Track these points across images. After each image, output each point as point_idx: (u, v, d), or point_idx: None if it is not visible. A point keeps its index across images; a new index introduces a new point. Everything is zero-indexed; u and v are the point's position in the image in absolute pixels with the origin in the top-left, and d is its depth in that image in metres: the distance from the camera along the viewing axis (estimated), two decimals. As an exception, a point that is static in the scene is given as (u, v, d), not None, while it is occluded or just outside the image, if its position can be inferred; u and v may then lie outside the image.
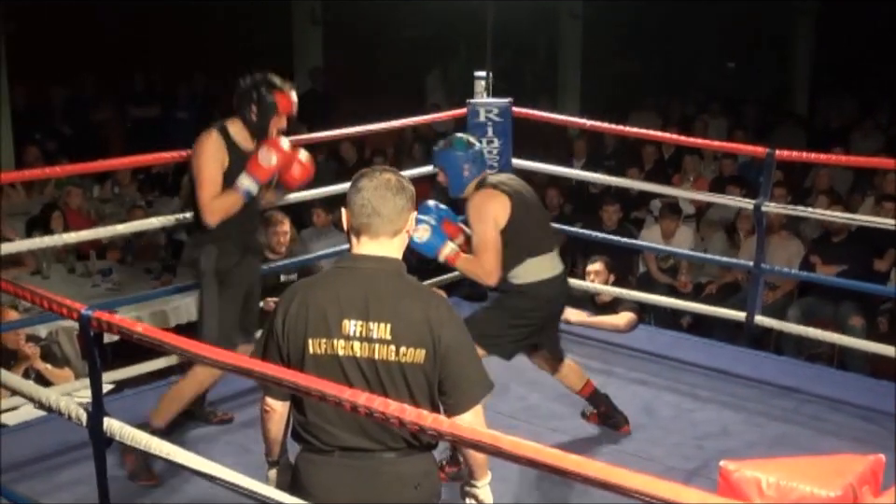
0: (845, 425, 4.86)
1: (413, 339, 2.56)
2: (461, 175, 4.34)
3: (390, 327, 2.55)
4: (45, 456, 4.37)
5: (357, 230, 2.65)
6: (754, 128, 12.02)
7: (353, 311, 2.57)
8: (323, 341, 2.57)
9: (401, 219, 2.64)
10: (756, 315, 5.51)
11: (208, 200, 4.15)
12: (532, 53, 15.93)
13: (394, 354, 2.55)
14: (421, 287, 2.71)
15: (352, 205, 2.64)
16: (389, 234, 2.63)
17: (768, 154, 5.37)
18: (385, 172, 2.68)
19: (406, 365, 2.56)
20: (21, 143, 10.19)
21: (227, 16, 12.89)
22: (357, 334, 2.56)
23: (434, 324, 2.58)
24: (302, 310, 2.61)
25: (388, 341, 2.55)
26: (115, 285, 7.08)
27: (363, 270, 2.62)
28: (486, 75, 6.20)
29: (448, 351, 2.58)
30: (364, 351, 2.56)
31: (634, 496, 1.86)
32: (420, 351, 2.56)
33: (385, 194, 2.62)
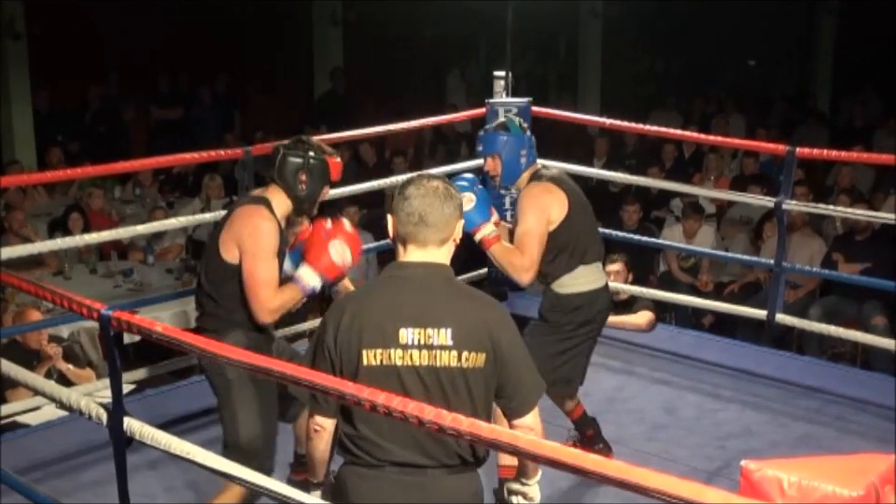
0: (869, 425, 4.83)
1: (473, 343, 2.51)
2: (518, 162, 4.03)
3: (451, 332, 2.49)
4: (67, 456, 4.39)
5: (403, 238, 2.58)
6: (776, 126, 11.97)
7: (409, 319, 2.50)
8: (379, 352, 2.50)
9: (449, 228, 2.58)
10: (777, 313, 5.47)
11: (269, 299, 3.46)
12: (553, 52, 15.91)
13: (456, 359, 2.50)
14: (473, 290, 2.66)
15: (399, 213, 2.57)
16: (437, 243, 2.58)
17: (789, 152, 5.34)
18: (432, 179, 2.61)
19: (468, 371, 2.51)
20: (43, 144, 10.27)
21: (248, 17, 12.92)
22: (416, 342, 2.49)
23: (493, 326, 2.53)
24: (355, 322, 2.53)
25: (450, 346, 2.49)
26: (136, 285, 7.11)
27: (414, 277, 2.56)
28: (506, 74, 6.19)
29: (507, 354, 2.54)
30: (424, 359, 2.49)
31: (654, 495, 1.85)
32: (481, 355, 2.51)
33: (432, 202, 2.55)
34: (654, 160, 9.99)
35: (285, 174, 3.57)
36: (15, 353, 5.06)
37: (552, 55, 15.90)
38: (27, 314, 5.60)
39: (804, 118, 12.48)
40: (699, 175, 9.65)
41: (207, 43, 12.42)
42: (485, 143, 4.11)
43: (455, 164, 7.20)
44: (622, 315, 6.07)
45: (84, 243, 5.99)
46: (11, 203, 8.20)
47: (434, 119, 7.14)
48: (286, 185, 3.58)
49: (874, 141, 10.85)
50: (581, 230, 4.02)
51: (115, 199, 9.35)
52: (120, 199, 9.43)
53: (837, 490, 2.21)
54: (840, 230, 7.82)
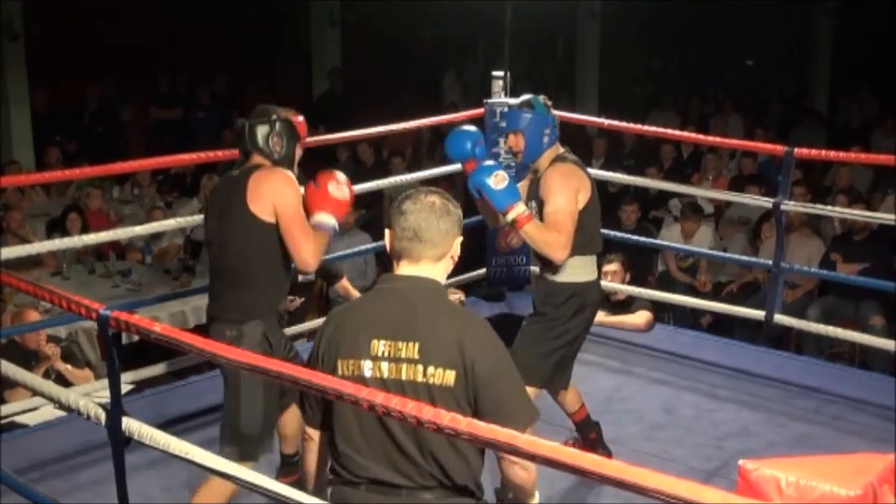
0: (867, 424, 4.83)
1: (441, 359, 2.41)
2: (540, 140, 4.03)
3: (419, 345, 2.42)
4: (65, 456, 4.39)
5: (398, 253, 2.54)
6: (774, 126, 11.98)
7: (383, 331, 2.46)
8: (351, 362, 2.47)
9: (445, 244, 2.53)
10: (775, 314, 5.48)
11: (311, 242, 3.60)
12: (550, 52, 15.92)
13: (421, 374, 2.41)
14: (458, 309, 2.58)
15: (395, 228, 2.53)
16: (432, 259, 2.52)
17: (787, 153, 5.34)
18: (430, 194, 2.56)
19: (434, 387, 2.40)
20: (41, 144, 10.27)
21: (246, 17, 12.92)
22: (385, 354, 2.44)
23: (467, 347, 2.42)
24: (337, 332, 2.52)
25: (416, 360, 2.41)
26: (134, 285, 7.11)
27: (398, 290, 2.52)
28: (504, 74, 6.19)
29: (483, 378, 2.41)
30: (392, 372, 2.43)
31: (653, 495, 1.85)
32: (449, 373, 2.41)
33: (428, 217, 2.50)
34: (653, 160, 10.01)
35: (257, 142, 3.72)
36: (13, 353, 5.06)
37: (549, 55, 15.91)
38: (25, 314, 5.60)
39: (802, 118, 12.48)
40: (697, 175, 9.66)
41: (206, 43, 12.42)
42: (509, 119, 4.16)
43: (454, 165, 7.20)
44: (620, 315, 6.08)
45: (82, 243, 5.99)
46: (9, 203, 8.20)
47: (432, 120, 7.13)
48: (262, 152, 3.72)
49: (871, 141, 10.86)
50: (591, 221, 4.05)
51: (113, 199, 9.35)
52: (119, 199, 9.42)
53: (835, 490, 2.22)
54: (838, 230, 7.83)
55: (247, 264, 3.65)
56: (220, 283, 3.75)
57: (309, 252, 3.60)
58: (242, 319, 3.64)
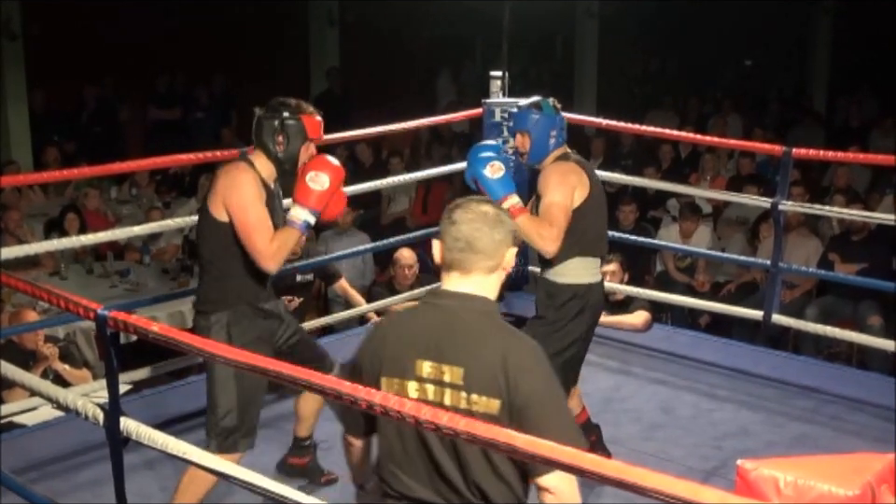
0: (865, 424, 4.84)
1: (485, 386, 2.31)
2: (546, 142, 4.03)
3: (462, 371, 2.32)
4: (63, 456, 4.39)
5: (449, 264, 2.43)
6: (773, 126, 11.99)
7: (428, 351, 2.36)
8: (395, 381, 2.39)
9: (498, 255, 2.42)
10: (773, 314, 5.48)
11: (265, 243, 3.52)
12: (549, 52, 15.92)
13: (465, 401, 2.32)
14: (507, 330, 2.44)
15: (446, 238, 2.42)
16: (484, 271, 2.41)
17: (785, 153, 5.34)
18: (482, 203, 2.47)
19: (478, 415, 2.29)
20: (39, 144, 10.27)
21: (245, 17, 12.93)
22: (429, 376, 2.36)
23: (511, 371, 2.30)
24: (380, 347, 2.44)
25: (459, 386, 2.33)
26: (132, 285, 7.10)
27: (446, 307, 2.41)
28: (502, 74, 6.19)
29: (527, 403, 2.30)
30: (436, 395, 2.35)
31: (651, 495, 1.85)
32: (494, 401, 2.31)
33: (481, 227, 2.40)
34: (651, 160, 10.01)
35: (262, 137, 3.66)
36: (11, 353, 5.05)
37: (548, 55, 15.92)
38: (23, 314, 5.60)
39: (800, 118, 12.49)
40: (695, 175, 9.66)
41: (204, 43, 12.42)
42: (516, 119, 4.14)
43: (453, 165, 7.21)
44: (618, 314, 6.08)
45: (80, 243, 5.99)
46: (7, 203, 8.20)
47: (431, 120, 7.14)
48: (264, 148, 3.66)
49: (870, 141, 10.87)
50: (593, 222, 4.03)
51: (111, 199, 9.35)
52: (117, 199, 9.43)
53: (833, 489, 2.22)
54: (836, 230, 7.83)
55: (211, 258, 3.68)
56: (199, 274, 3.83)
57: (263, 252, 3.53)
58: (209, 310, 3.68)
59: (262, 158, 3.67)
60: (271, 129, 3.66)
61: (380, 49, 13.83)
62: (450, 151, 10.56)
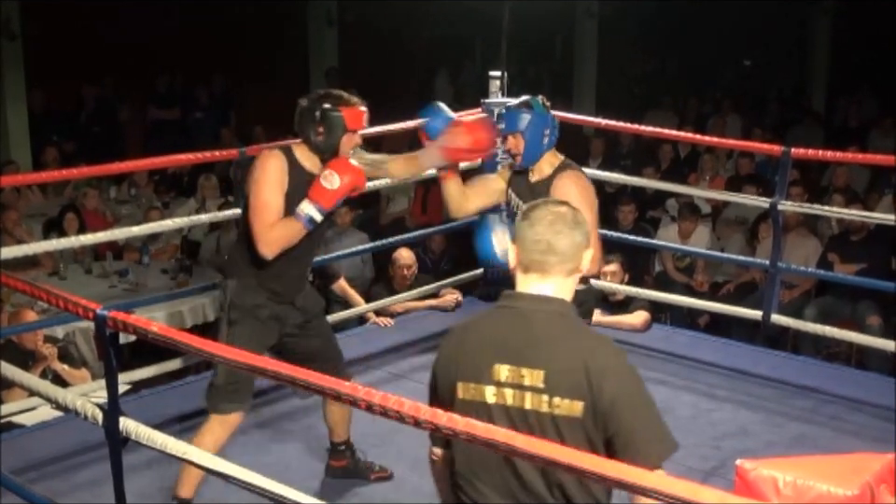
0: (864, 424, 4.83)
1: (568, 389, 2.27)
2: (540, 142, 3.94)
3: (543, 374, 2.29)
4: (62, 456, 4.38)
5: (527, 266, 2.39)
6: (772, 126, 11.99)
7: (505, 355, 2.33)
8: (472, 385, 2.35)
9: (577, 257, 2.39)
10: (773, 314, 5.48)
11: (264, 228, 3.62)
12: (548, 52, 15.93)
13: (546, 405, 2.28)
14: (585, 331, 2.43)
15: (524, 240, 2.39)
16: (563, 273, 2.39)
17: (784, 153, 5.34)
18: (559, 204, 2.44)
19: (560, 418, 2.28)
20: (38, 144, 10.26)
21: (244, 18, 12.93)
22: (508, 380, 2.31)
23: (594, 373, 2.27)
24: (455, 352, 2.41)
25: (540, 389, 2.29)
26: (131, 285, 7.10)
27: (522, 309, 2.38)
28: (501, 74, 6.19)
29: (613, 405, 2.27)
30: (515, 400, 2.31)
31: (651, 495, 1.85)
32: (577, 403, 2.27)
33: (561, 229, 2.37)
34: (650, 160, 10.01)
35: (303, 126, 3.73)
36: (10, 353, 5.05)
37: (547, 55, 15.92)
38: (22, 314, 5.60)
39: (799, 118, 12.50)
40: (695, 175, 9.67)
41: (204, 43, 12.42)
42: (507, 121, 4.04)
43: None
44: (617, 315, 6.08)
45: (79, 243, 5.99)
46: (6, 202, 8.20)
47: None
48: (305, 137, 3.73)
49: (869, 141, 10.88)
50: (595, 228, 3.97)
51: (110, 199, 9.34)
52: (116, 199, 9.42)
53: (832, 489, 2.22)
54: (835, 230, 7.83)
55: (240, 234, 3.88)
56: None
57: (260, 235, 3.63)
58: (224, 276, 3.91)
59: (304, 147, 3.76)
60: (311, 118, 3.72)
61: (379, 50, 13.84)
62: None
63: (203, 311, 6.90)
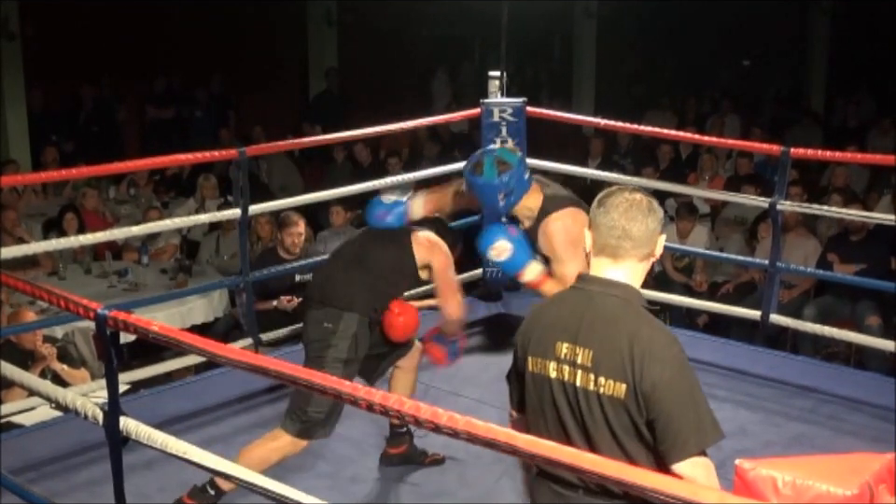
0: (862, 424, 4.83)
1: (612, 370, 2.37)
2: (496, 205, 3.74)
3: (592, 353, 2.41)
4: (62, 456, 4.38)
5: (601, 249, 2.50)
6: (771, 126, 12.00)
7: (566, 333, 2.46)
8: (539, 360, 2.50)
9: (651, 242, 2.49)
10: (772, 313, 5.48)
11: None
12: (547, 52, 15.93)
13: (593, 383, 2.40)
14: (642, 316, 2.47)
15: (599, 226, 2.49)
16: (636, 258, 2.49)
17: (783, 152, 5.34)
18: (633, 191, 2.53)
19: (605, 397, 2.38)
20: (37, 144, 10.26)
21: (243, 17, 12.92)
22: (566, 357, 2.44)
23: (638, 357, 2.35)
24: (530, 327, 2.56)
25: (589, 368, 2.40)
26: (131, 285, 7.10)
27: (590, 292, 2.49)
28: (500, 74, 6.19)
29: (654, 390, 2.33)
30: (571, 376, 2.43)
31: (650, 494, 1.86)
32: (620, 385, 2.36)
33: (636, 216, 2.47)
34: (649, 160, 10.01)
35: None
36: (9, 353, 5.06)
37: (546, 55, 15.92)
38: (22, 314, 5.60)
39: (798, 118, 12.50)
40: (694, 175, 9.67)
41: (203, 43, 12.42)
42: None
43: (451, 165, 7.20)
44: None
45: (79, 243, 5.99)
46: (5, 202, 8.20)
47: (429, 120, 7.14)
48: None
49: (868, 141, 10.88)
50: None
51: (109, 199, 9.34)
52: (115, 199, 9.43)
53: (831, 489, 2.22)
54: (835, 230, 7.84)
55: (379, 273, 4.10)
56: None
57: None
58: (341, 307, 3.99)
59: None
60: None
61: (378, 50, 13.83)
62: (449, 152, 10.56)
63: (201, 311, 6.90)
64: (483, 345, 5.77)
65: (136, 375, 5.12)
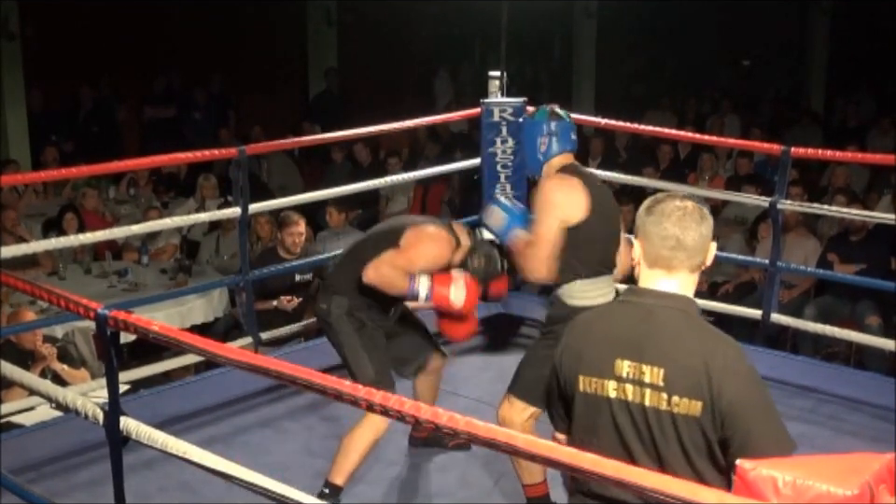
0: (862, 424, 4.84)
1: (687, 388, 2.28)
2: (536, 150, 3.82)
3: (663, 372, 2.30)
4: (62, 456, 4.39)
5: (653, 261, 2.39)
6: (770, 126, 12.00)
7: (627, 350, 2.35)
8: (594, 379, 2.38)
9: (704, 251, 2.39)
10: (772, 313, 5.48)
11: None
12: (547, 52, 15.93)
13: (665, 402, 2.30)
14: (707, 330, 2.40)
15: (651, 236, 2.37)
16: (690, 269, 2.38)
17: (784, 152, 5.34)
18: (683, 199, 2.40)
19: (678, 416, 2.30)
20: (37, 144, 10.26)
21: (243, 17, 12.93)
22: (629, 376, 2.34)
23: (715, 374, 2.27)
24: (579, 343, 2.44)
25: (660, 387, 2.31)
26: (131, 285, 7.10)
27: (645, 305, 2.38)
28: (501, 74, 6.19)
29: (732, 407, 2.27)
30: (636, 396, 2.33)
31: (650, 494, 1.86)
32: (696, 403, 2.28)
33: (689, 224, 2.35)
34: (650, 159, 10.01)
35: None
36: (9, 353, 5.05)
37: (545, 55, 15.92)
38: (22, 314, 5.60)
39: (798, 118, 12.50)
40: (694, 174, 9.67)
41: (202, 43, 12.42)
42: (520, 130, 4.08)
43: (451, 164, 7.21)
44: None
45: (79, 243, 5.99)
46: (5, 202, 8.20)
47: (429, 119, 7.14)
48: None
49: (868, 141, 10.88)
50: (599, 238, 3.75)
51: (109, 199, 9.34)
52: (115, 199, 9.42)
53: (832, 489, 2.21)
54: (833, 230, 7.83)
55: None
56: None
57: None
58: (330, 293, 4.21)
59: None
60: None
61: (378, 50, 13.83)
62: (448, 151, 10.56)
63: (201, 311, 6.90)
64: (483, 345, 5.77)
65: (136, 375, 5.12)
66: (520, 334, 5.87)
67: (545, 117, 3.87)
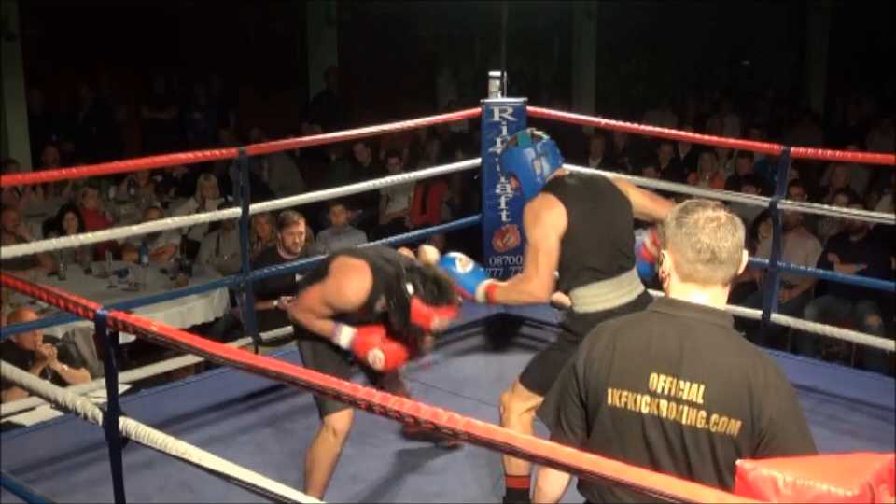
0: (862, 424, 4.83)
1: (727, 406, 2.23)
2: (533, 174, 3.82)
3: (703, 389, 2.23)
4: (61, 456, 4.38)
5: (688, 274, 2.32)
6: (770, 126, 12.00)
7: (663, 365, 2.26)
8: (625, 393, 2.29)
9: (739, 260, 2.33)
10: (772, 313, 5.48)
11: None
12: (547, 52, 15.93)
13: (704, 421, 2.23)
14: (746, 346, 2.33)
15: (683, 248, 2.30)
16: (723, 282, 2.33)
17: (784, 152, 5.34)
18: (716, 208, 2.33)
19: (716, 435, 2.24)
20: (37, 144, 10.26)
21: (242, 18, 12.93)
22: (664, 391, 2.25)
23: (756, 391, 2.23)
24: (608, 354, 2.33)
25: (699, 405, 2.23)
26: (131, 285, 7.10)
27: (682, 318, 2.30)
28: (501, 74, 6.19)
29: (770, 425, 2.23)
30: (671, 412, 2.25)
31: (650, 495, 1.85)
32: (735, 422, 2.23)
33: (724, 236, 2.29)
34: (650, 159, 10.01)
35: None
36: (9, 353, 5.05)
37: (546, 55, 15.92)
38: (22, 314, 5.60)
39: (798, 118, 12.50)
40: (694, 174, 9.67)
41: (202, 43, 12.42)
42: (502, 165, 4.00)
43: (451, 164, 7.21)
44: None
45: (79, 243, 5.98)
46: (6, 202, 8.19)
47: (429, 119, 7.14)
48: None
49: (868, 141, 10.88)
50: (588, 243, 3.69)
51: (109, 199, 9.34)
52: (115, 199, 9.42)
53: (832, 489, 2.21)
54: (833, 229, 7.83)
55: None
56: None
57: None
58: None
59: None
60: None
61: (378, 50, 13.83)
62: (449, 151, 10.56)
63: (201, 311, 6.90)
64: (483, 345, 5.77)
65: (136, 375, 5.12)
66: (520, 334, 5.87)
67: (529, 141, 3.87)
